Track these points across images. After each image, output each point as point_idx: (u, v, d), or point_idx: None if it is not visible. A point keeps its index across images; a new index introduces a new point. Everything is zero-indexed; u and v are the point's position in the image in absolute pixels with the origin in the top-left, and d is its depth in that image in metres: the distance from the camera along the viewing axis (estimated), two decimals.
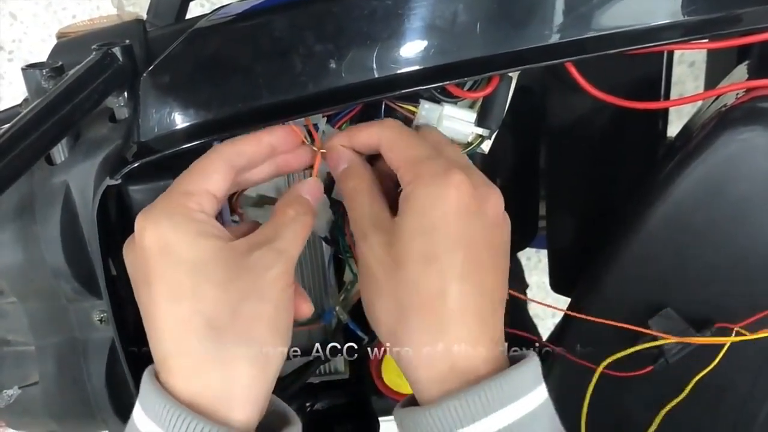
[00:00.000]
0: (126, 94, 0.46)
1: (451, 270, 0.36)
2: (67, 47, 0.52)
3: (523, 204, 0.69)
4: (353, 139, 0.42)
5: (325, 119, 0.46)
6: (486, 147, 0.46)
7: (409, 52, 0.41)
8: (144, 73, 0.45)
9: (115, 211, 0.46)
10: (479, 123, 0.45)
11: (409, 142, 0.39)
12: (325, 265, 0.53)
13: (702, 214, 0.46)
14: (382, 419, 0.64)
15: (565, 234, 0.64)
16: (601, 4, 0.41)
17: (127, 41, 0.46)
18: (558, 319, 0.60)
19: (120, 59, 0.45)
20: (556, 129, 0.61)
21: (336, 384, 0.60)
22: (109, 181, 0.42)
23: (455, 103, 0.45)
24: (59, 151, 0.47)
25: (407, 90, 0.42)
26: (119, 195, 0.45)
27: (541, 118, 0.61)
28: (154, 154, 0.43)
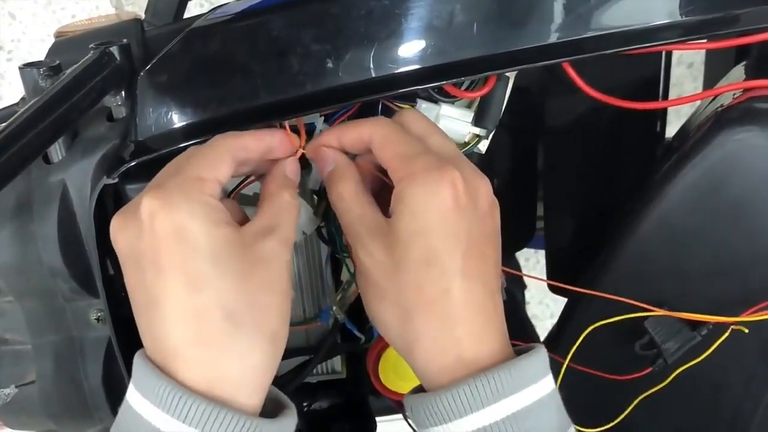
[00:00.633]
0: (123, 93, 0.46)
1: (453, 268, 0.36)
2: (65, 46, 0.52)
3: (521, 204, 0.69)
4: (342, 137, 0.41)
5: (323, 119, 0.46)
6: (483, 147, 0.46)
7: (407, 51, 0.41)
8: (141, 72, 0.45)
9: (113, 210, 0.46)
10: (476, 123, 0.45)
11: (399, 138, 0.39)
12: (323, 265, 0.53)
13: (699, 213, 0.46)
14: (379, 419, 0.64)
15: (563, 234, 0.64)
16: (599, 4, 0.41)
17: (125, 40, 0.46)
18: (556, 320, 0.60)
19: (117, 58, 0.45)
20: (553, 129, 0.61)
21: (333, 384, 0.60)
22: (107, 180, 0.43)
23: (452, 103, 0.45)
24: (56, 150, 0.47)
25: (404, 90, 0.42)
26: (116, 194, 0.45)
27: (539, 118, 0.61)
28: (151, 153, 0.43)
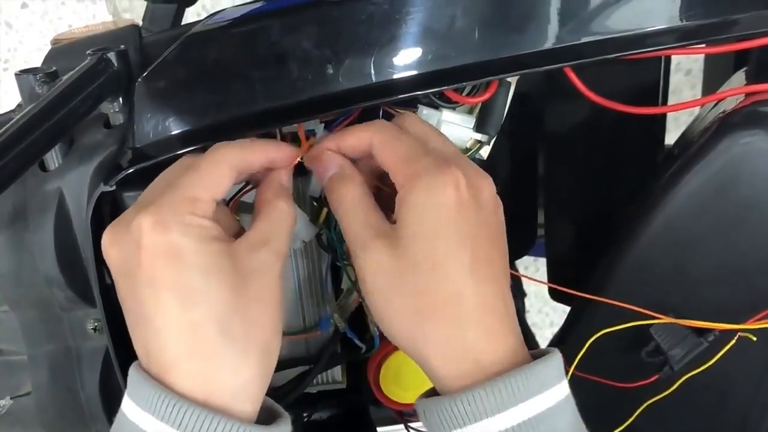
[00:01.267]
0: (121, 99, 0.46)
1: (461, 270, 0.36)
2: (62, 53, 0.52)
3: (522, 211, 0.69)
4: (342, 143, 0.40)
5: (323, 125, 0.45)
6: (485, 153, 0.46)
7: (407, 57, 0.41)
8: (139, 79, 0.45)
9: (110, 218, 0.46)
10: (478, 128, 0.44)
11: (401, 141, 0.39)
12: (323, 273, 0.52)
13: (703, 219, 0.46)
14: (380, 429, 0.64)
15: (564, 241, 0.64)
16: (600, 9, 0.41)
17: (122, 46, 0.46)
18: (556, 329, 0.59)
19: (115, 64, 0.45)
20: (554, 136, 0.61)
21: (334, 393, 0.59)
22: (104, 188, 0.42)
23: (454, 109, 0.44)
24: (53, 158, 0.47)
25: (405, 95, 0.41)
26: (114, 202, 0.45)
27: (540, 124, 0.61)
28: (149, 160, 0.42)
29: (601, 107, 0.45)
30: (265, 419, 0.38)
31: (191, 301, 0.34)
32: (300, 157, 0.42)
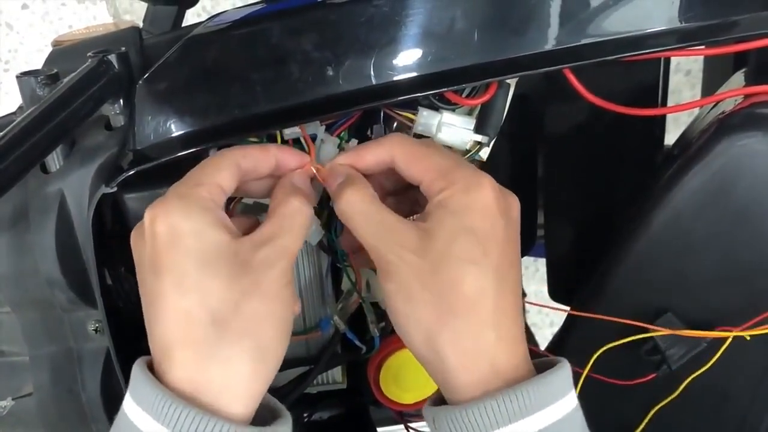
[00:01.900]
0: (122, 101, 0.46)
1: (489, 269, 0.37)
2: (63, 55, 0.52)
3: (522, 212, 0.69)
4: (360, 160, 0.41)
5: (324, 127, 0.45)
6: (484, 154, 0.46)
7: (407, 59, 0.41)
8: (140, 81, 0.45)
9: (111, 220, 0.46)
10: (477, 130, 0.44)
11: (431, 152, 0.40)
12: (323, 274, 0.52)
13: (703, 219, 0.46)
14: (380, 429, 0.64)
15: (564, 242, 0.64)
16: (599, 11, 0.41)
17: (123, 48, 0.46)
18: (556, 329, 0.59)
19: (116, 66, 0.45)
20: (553, 137, 0.61)
21: (334, 394, 0.59)
22: (105, 189, 0.42)
23: (453, 110, 0.44)
24: (54, 160, 0.47)
25: (405, 97, 0.41)
26: (115, 203, 0.45)
27: (539, 125, 0.61)
28: (150, 162, 0.43)
29: (601, 108, 0.45)
30: (267, 418, 0.38)
31: (185, 288, 0.35)
32: (312, 164, 0.42)
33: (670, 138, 0.58)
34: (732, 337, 0.46)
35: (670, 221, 0.46)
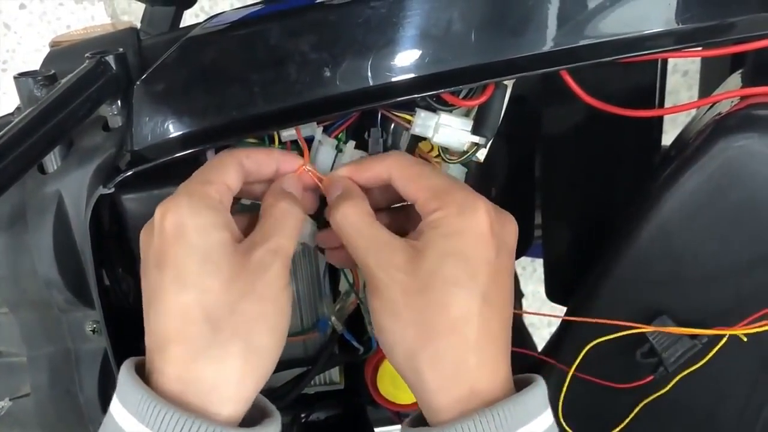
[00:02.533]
0: (119, 102, 0.46)
1: (476, 293, 0.37)
2: (61, 55, 0.52)
3: (519, 213, 0.68)
4: (360, 174, 0.42)
5: (321, 129, 0.45)
6: (481, 155, 0.46)
7: (404, 60, 0.41)
8: (137, 82, 0.45)
9: (108, 221, 0.46)
10: (475, 131, 0.44)
11: (429, 172, 0.40)
12: (320, 275, 0.53)
13: (699, 221, 0.46)
14: (377, 430, 0.64)
15: (561, 243, 0.64)
16: (596, 12, 0.41)
17: (121, 49, 0.46)
18: (554, 328, 0.59)
19: (113, 67, 0.45)
20: (551, 138, 0.61)
21: (331, 394, 0.59)
22: (103, 190, 0.42)
23: (451, 112, 0.44)
24: (52, 160, 0.47)
25: (402, 98, 0.41)
26: (112, 204, 0.45)
27: (536, 127, 0.61)
28: (147, 162, 0.43)
29: (598, 109, 0.45)
30: (257, 418, 0.38)
31: (184, 283, 0.35)
32: (306, 166, 0.42)
33: (667, 139, 0.58)
34: (727, 337, 0.46)
35: (666, 222, 0.46)
